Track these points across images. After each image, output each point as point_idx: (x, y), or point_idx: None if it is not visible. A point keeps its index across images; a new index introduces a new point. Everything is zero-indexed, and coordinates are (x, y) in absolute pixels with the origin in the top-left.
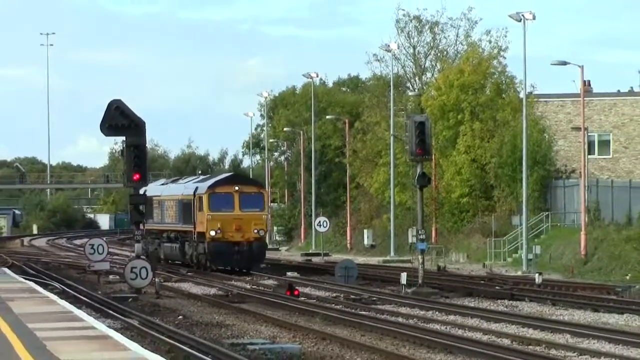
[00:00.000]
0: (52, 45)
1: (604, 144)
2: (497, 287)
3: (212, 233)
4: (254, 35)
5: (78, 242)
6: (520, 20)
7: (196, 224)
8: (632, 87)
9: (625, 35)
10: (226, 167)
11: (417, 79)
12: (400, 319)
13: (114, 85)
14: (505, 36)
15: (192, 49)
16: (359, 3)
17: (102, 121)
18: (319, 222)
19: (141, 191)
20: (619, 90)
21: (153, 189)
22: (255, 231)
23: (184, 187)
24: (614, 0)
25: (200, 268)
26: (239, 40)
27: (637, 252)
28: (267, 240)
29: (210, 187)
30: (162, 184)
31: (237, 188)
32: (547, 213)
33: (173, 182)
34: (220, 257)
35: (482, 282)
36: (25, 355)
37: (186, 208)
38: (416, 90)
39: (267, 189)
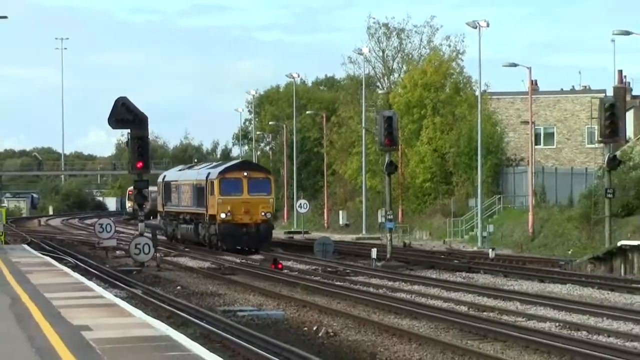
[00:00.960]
0: (66, 48)
1: (549, 136)
2: (455, 261)
3: (223, 215)
4: (244, 40)
5: (89, 221)
6: (476, 28)
7: (208, 207)
8: (573, 86)
9: (568, 40)
10: (218, 156)
11: (385, 78)
12: (371, 289)
13: (121, 84)
14: (463, 41)
15: (189, 52)
16: (336, 12)
17: (109, 116)
18: (300, 204)
19: (161, 177)
20: (562, 89)
21: (171, 174)
22: (263, 214)
23: (198, 173)
24: (559, 10)
25: (212, 248)
26: (231, 45)
27: (578, 230)
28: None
29: (221, 172)
30: (180, 170)
31: (245, 174)
32: (499, 196)
33: (189, 168)
34: (230, 237)
35: (443, 256)
36: (43, 321)
37: (199, 192)
38: (385, 88)
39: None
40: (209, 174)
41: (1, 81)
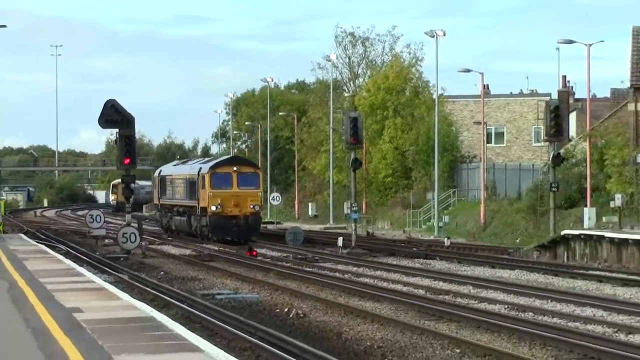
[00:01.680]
0: (60, 55)
1: (500, 135)
2: (414, 249)
3: (213, 208)
4: (223, 48)
5: (80, 213)
6: (433, 37)
7: (200, 199)
8: (521, 90)
9: (517, 48)
10: (198, 153)
11: (351, 83)
12: (337, 274)
13: (110, 88)
14: (422, 49)
15: (173, 59)
16: (307, 23)
17: (100, 116)
18: (273, 196)
19: (156, 172)
20: (511, 92)
21: (167, 169)
22: (251, 206)
23: (190, 168)
24: (509, 21)
25: (203, 239)
26: (211, 52)
27: (525, 220)
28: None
29: (211, 167)
30: (174, 165)
31: (235, 168)
32: (454, 190)
33: (183, 163)
34: (220, 229)
35: (402, 244)
36: (37, 304)
37: (192, 186)
38: (350, 92)
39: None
40: (200, 168)
41: (4, 84)
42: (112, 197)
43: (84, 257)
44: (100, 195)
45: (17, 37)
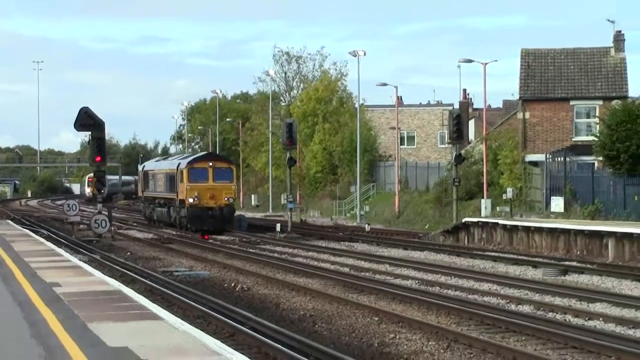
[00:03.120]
0: (41, 69)
1: (411, 139)
2: (340, 233)
3: (191, 200)
4: (180, 64)
5: (59, 202)
6: (355, 56)
7: (178, 192)
8: (429, 101)
9: (425, 66)
10: (159, 152)
11: (287, 94)
12: (275, 255)
13: (84, 97)
14: (346, 66)
15: (138, 73)
16: (250, 43)
17: (75, 121)
18: None
19: (140, 167)
20: (420, 103)
21: (149, 165)
22: (226, 199)
23: (170, 163)
24: (419, 42)
25: (182, 229)
26: (171, 67)
27: (432, 209)
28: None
29: (189, 162)
30: (156, 161)
31: (211, 164)
32: (373, 184)
33: (164, 159)
34: (197, 219)
35: (330, 230)
36: (23, 279)
37: (171, 180)
38: (286, 101)
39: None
40: (179, 164)
41: None
42: (88, 190)
43: (62, 240)
44: (76, 188)
45: (3, 54)
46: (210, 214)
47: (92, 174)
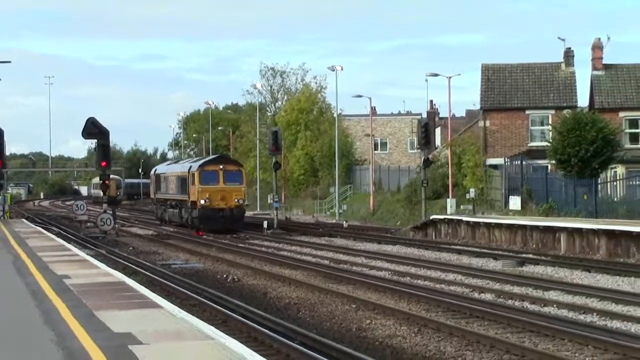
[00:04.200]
0: (52, 84)
1: (384, 145)
2: (321, 229)
3: (202, 202)
4: (177, 79)
5: (68, 203)
6: (334, 70)
7: (190, 194)
8: (400, 111)
9: (396, 79)
10: (158, 158)
11: (272, 105)
12: (263, 249)
13: (90, 108)
14: (325, 79)
15: (139, 87)
16: (240, 60)
17: (83, 130)
18: None
19: (152, 170)
20: (392, 112)
21: (161, 168)
22: (236, 200)
23: (182, 166)
24: (390, 58)
25: (193, 229)
26: (169, 82)
27: (403, 208)
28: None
29: (200, 165)
30: (167, 164)
31: (221, 166)
32: (350, 185)
33: (175, 163)
34: (208, 220)
35: (312, 226)
36: (36, 272)
37: (183, 182)
38: (272, 112)
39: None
40: (190, 167)
41: (8, 106)
42: (95, 192)
43: (71, 237)
44: (84, 190)
45: (19, 70)
46: (220, 215)
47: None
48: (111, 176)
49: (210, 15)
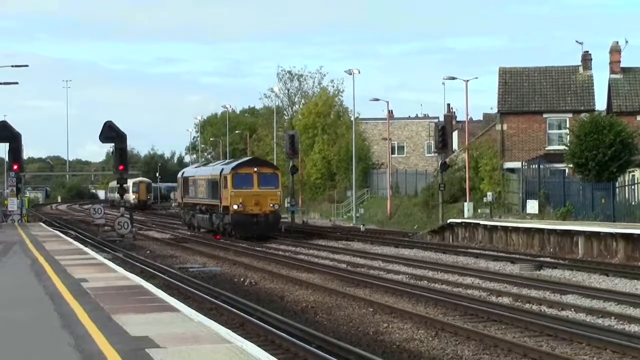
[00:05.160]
0: (69, 87)
1: (401, 148)
2: (338, 233)
3: (235, 207)
4: (193, 82)
5: (86, 206)
6: (351, 74)
7: (222, 199)
8: (417, 114)
9: (414, 82)
10: (175, 162)
11: (290, 108)
12: (280, 252)
13: (108, 112)
14: (342, 83)
15: (155, 90)
16: (256, 63)
17: (100, 134)
18: None
19: (180, 173)
20: (409, 116)
21: (189, 171)
22: (271, 205)
23: (212, 169)
24: (408, 61)
25: (225, 235)
26: (185, 85)
27: (421, 212)
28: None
29: (233, 168)
30: (196, 167)
31: (255, 169)
32: (367, 189)
33: (204, 165)
34: (241, 226)
35: (329, 230)
36: (53, 275)
37: (214, 186)
38: (289, 115)
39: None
40: (222, 169)
41: (27, 109)
42: (132, 197)
43: (89, 240)
44: (101, 194)
45: (37, 74)
46: (255, 221)
47: (140, 179)
48: (141, 179)
49: (225, 19)
